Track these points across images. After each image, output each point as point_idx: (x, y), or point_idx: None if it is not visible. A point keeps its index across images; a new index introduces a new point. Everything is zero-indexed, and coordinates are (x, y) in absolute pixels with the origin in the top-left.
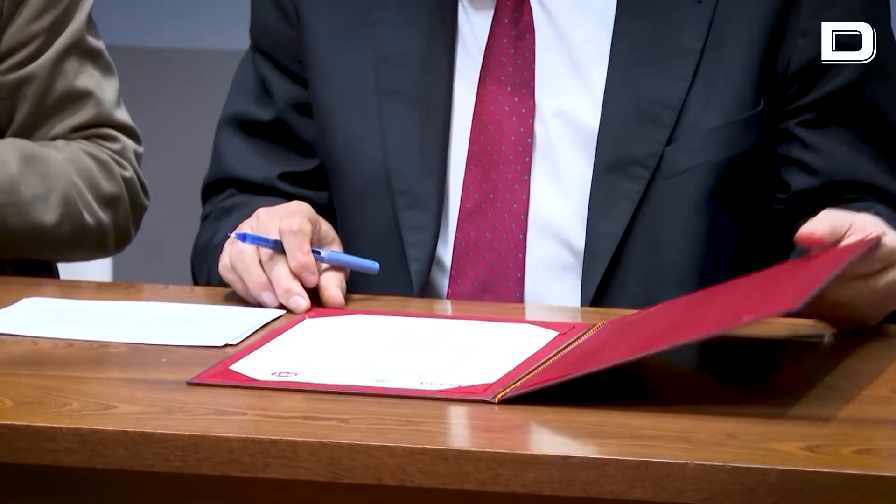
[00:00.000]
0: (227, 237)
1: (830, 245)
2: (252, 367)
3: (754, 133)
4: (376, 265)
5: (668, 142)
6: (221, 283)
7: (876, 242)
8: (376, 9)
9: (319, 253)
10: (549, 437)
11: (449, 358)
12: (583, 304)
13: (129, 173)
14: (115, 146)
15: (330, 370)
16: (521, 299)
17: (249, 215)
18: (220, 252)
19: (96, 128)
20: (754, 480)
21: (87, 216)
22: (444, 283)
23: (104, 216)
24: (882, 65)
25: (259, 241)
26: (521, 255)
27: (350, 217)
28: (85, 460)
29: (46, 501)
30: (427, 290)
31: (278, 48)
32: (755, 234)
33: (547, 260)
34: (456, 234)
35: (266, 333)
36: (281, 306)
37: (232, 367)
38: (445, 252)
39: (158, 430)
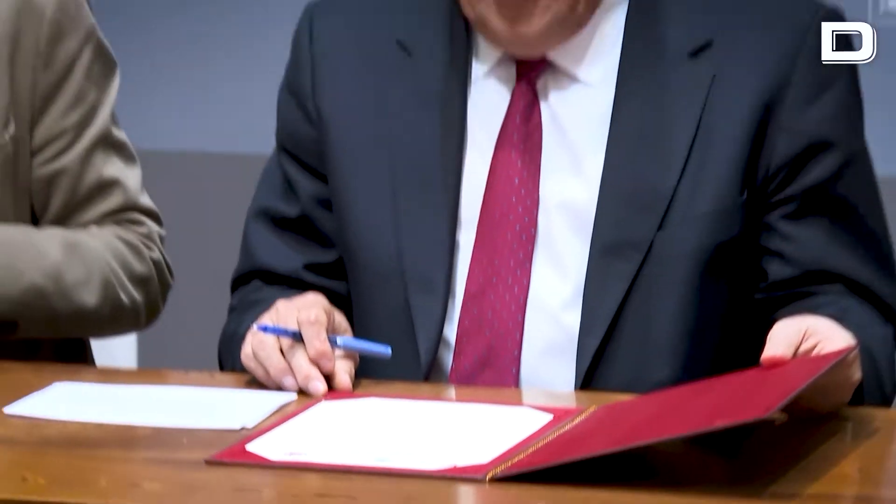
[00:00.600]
0: (250, 329)
1: (798, 355)
2: (267, 447)
3: (739, 222)
4: (388, 350)
5: (660, 227)
6: (245, 370)
7: (848, 352)
8: (391, 108)
9: (335, 340)
10: None
11: (448, 439)
12: (577, 377)
13: (156, 254)
14: (143, 230)
15: (340, 450)
16: (518, 374)
17: (270, 308)
18: (243, 343)
19: (124, 212)
20: None
21: (123, 296)
22: (448, 358)
23: (137, 295)
24: (853, 163)
25: (280, 331)
26: (518, 335)
27: (364, 300)
28: None
29: None
30: (433, 365)
31: (302, 148)
32: (740, 315)
33: (543, 337)
34: (461, 315)
35: (281, 416)
36: (300, 391)
37: (248, 448)
38: (451, 330)
39: None
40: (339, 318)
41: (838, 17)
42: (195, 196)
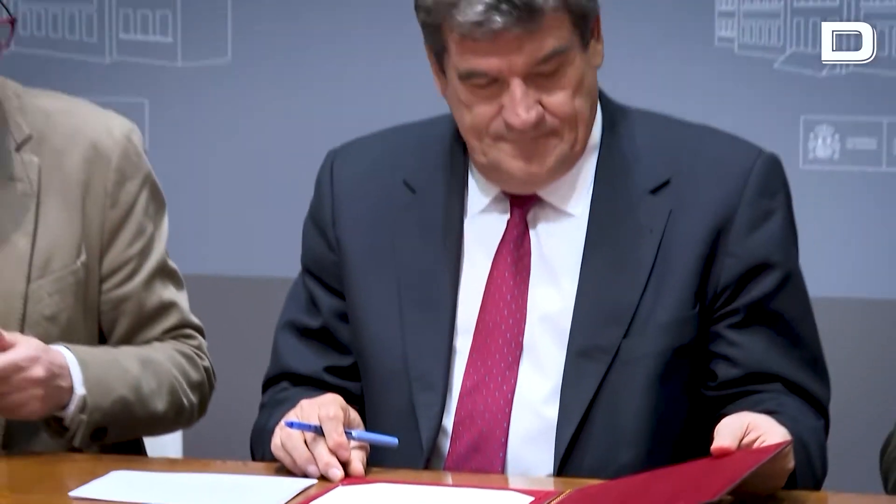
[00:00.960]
0: (278, 424)
1: (742, 446)
2: None
3: (692, 330)
4: (395, 440)
5: (625, 335)
6: (274, 459)
7: (785, 446)
8: (399, 238)
9: (350, 433)
10: None
11: None
12: (555, 461)
13: (206, 363)
14: (194, 342)
15: None
16: (504, 458)
17: (295, 406)
18: (273, 436)
19: (179, 329)
20: None
21: (184, 400)
22: (446, 444)
23: (193, 398)
24: (788, 282)
25: (304, 426)
26: (505, 425)
27: (375, 397)
28: None
29: None
30: (433, 450)
31: (324, 270)
32: (694, 408)
33: (527, 426)
34: (457, 408)
35: (304, 498)
36: (321, 476)
37: None
38: (448, 421)
39: None
40: (354, 415)
41: (777, 162)
42: (226, 313)
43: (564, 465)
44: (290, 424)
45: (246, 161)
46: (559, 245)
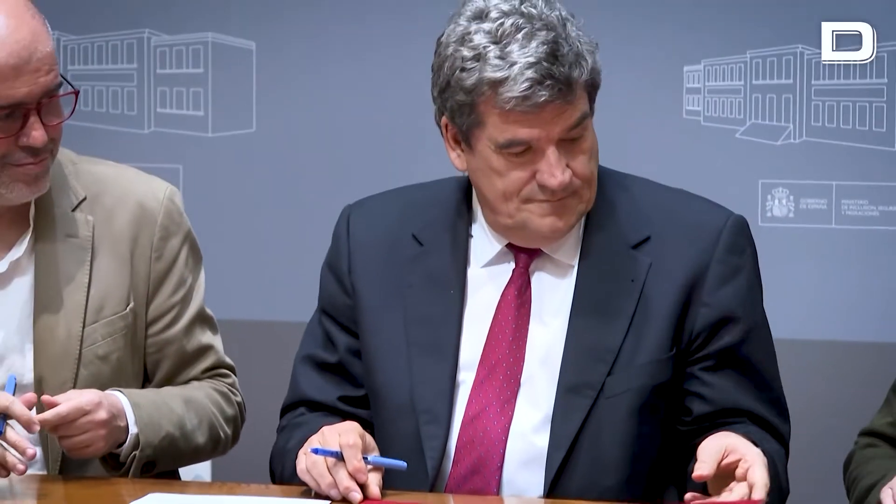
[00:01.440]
0: (301, 447)
1: (721, 468)
2: None
3: (669, 370)
4: (404, 464)
5: (609, 373)
6: (293, 477)
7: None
8: (407, 286)
9: (367, 458)
10: None
11: None
12: (545, 483)
13: (238, 398)
14: (229, 381)
15: None
16: (500, 480)
17: (315, 430)
18: (293, 456)
19: (216, 369)
20: None
21: (221, 433)
22: (448, 467)
23: (228, 431)
24: (755, 331)
25: (326, 453)
26: (502, 451)
27: (384, 428)
28: None
29: None
30: (437, 473)
31: (339, 312)
32: (669, 440)
33: (520, 452)
34: (459, 435)
35: None
36: (342, 499)
37: None
38: (450, 447)
39: None
40: (369, 440)
41: (744, 224)
42: (252, 353)
43: (554, 488)
44: (315, 451)
45: (269, 218)
46: (554, 292)
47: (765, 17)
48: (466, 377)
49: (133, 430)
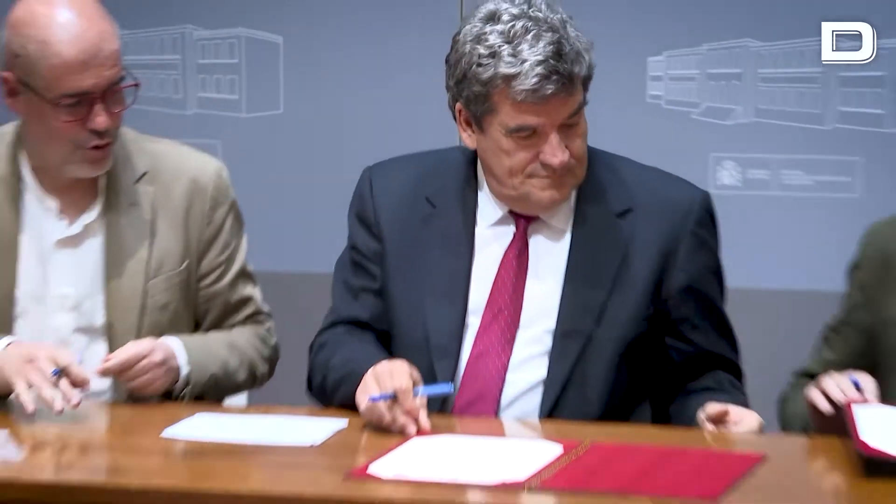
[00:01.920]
0: (344, 367)
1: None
2: (381, 468)
3: (646, 325)
4: (451, 387)
5: (597, 324)
6: (335, 390)
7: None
8: (422, 242)
9: (417, 392)
10: None
11: (497, 463)
12: (541, 410)
13: (274, 341)
14: (267, 325)
15: (428, 470)
16: (497, 407)
17: (358, 358)
18: (338, 373)
19: (255, 316)
20: None
21: (258, 372)
22: (453, 396)
23: (264, 369)
24: (714, 314)
25: (384, 397)
26: (501, 383)
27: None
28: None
29: None
30: (446, 400)
31: (369, 251)
32: (643, 380)
33: (519, 385)
34: (465, 370)
35: (385, 449)
36: (400, 432)
37: (370, 470)
38: (458, 380)
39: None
40: (417, 375)
41: (709, 198)
42: (289, 301)
43: (549, 414)
44: (373, 399)
45: (293, 185)
46: (550, 251)
47: (717, 11)
48: (473, 321)
49: (185, 369)
